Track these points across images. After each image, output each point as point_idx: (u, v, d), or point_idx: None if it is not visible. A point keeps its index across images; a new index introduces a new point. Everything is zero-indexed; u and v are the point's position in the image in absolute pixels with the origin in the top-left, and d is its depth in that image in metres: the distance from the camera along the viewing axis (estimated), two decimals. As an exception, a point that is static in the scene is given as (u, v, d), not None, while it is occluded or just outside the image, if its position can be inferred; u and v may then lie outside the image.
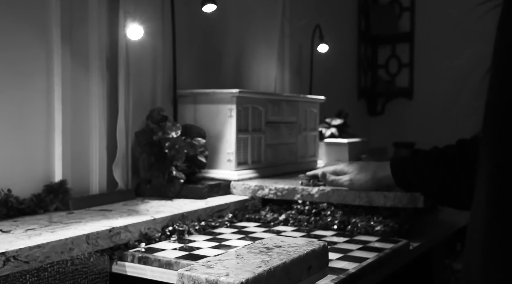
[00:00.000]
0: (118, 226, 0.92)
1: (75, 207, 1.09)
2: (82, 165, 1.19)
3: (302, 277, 0.62)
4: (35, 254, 0.77)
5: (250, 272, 0.54)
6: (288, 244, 0.67)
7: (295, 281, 0.61)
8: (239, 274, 0.54)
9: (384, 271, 0.88)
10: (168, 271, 0.84)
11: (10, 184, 1.02)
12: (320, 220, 1.13)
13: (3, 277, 0.73)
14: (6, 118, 1.04)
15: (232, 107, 1.38)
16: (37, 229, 0.89)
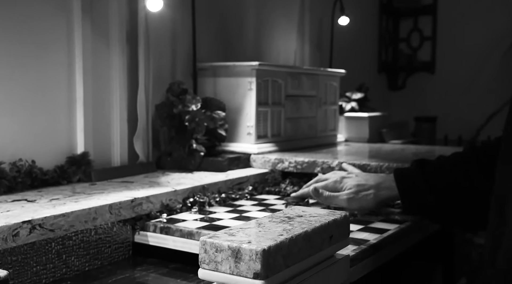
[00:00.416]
0: (140, 197, 0.93)
1: (98, 178, 1.11)
2: (104, 138, 1.20)
3: (324, 246, 0.62)
4: (59, 223, 0.78)
5: (272, 240, 0.55)
6: (310, 214, 0.66)
7: (316, 250, 0.61)
8: (261, 241, 0.54)
9: (405, 242, 0.88)
10: (190, 240, 0.85)
11: (34, 155, 1.04)
12: (340, 193, 1.12)
13: (30, 244, 0.75)
14: (29, 90, 1.05)
15: (252, 80, 1.38)
16: (61, 199, 0.90)
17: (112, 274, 0.82)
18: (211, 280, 0.55)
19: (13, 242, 0.72)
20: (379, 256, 0.79)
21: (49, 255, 0.77)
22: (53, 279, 0.78)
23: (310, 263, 0.60)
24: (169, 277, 0.81)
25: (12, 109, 1.02)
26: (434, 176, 0.88)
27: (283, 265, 0.55)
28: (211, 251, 0.55)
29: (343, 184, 0.98)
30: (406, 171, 0.93)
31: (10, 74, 1.02)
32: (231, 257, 0.54)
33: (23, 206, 0.84)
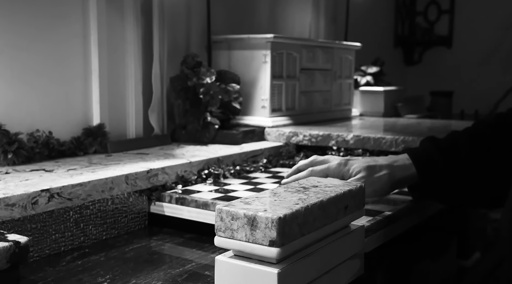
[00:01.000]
0: (155, 168, 0.94)
1: (113, 150, 1.12)
2: (119, 110, 1.21)
3: (339, 216, 0.63)
4: (77, 192, 0.80)
5: (288, 209, 0.55)
6: (325, 184, 0.67)
7: (331, 219, 0.61)
8: (277, 210, 0.54)
9: (420, 215, 0.88)
10: (205, 211, 0.86)
11: (50, 127, 1.05)
12: (355, 166, 1.12)
13: (49, 213, 0.76)
14: (45, 61, 1.06)
15: (267, 53, 1.37)
16: (78, 169, 0.91)
17: (128, 243, 0.83)
18: (227, 248, 0.56)
19: (32, 209, 0.73)
20: (394, 227, 0.79)
21: (68, 224, 0.79)
22: (71, 247, 0.79)
23: (325, 232, 0.61)
24: (185, 247, 0.82)
25: (29, 80, 1.03)
26: (451, 151, 0.81)
27: (298, 234, 0.55)
28: (227, 219, 0.55)
29: (349, 167, 0.82)
30: (420, 148, 0.84)
31: (28, 44, 1.02)
32: (247, 225, 0.54)
33: (41, 175, 0.85)
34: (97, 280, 0.67)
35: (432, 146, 0.83)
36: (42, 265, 0.72)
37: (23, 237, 0.64)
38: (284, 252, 0.53)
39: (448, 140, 0.84)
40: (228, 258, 0.56)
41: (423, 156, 0.82)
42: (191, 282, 0.67)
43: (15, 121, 0.99)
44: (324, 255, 0.60)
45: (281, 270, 0.53)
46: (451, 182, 0.80)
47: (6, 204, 0.70)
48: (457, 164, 0.81)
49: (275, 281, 0.52)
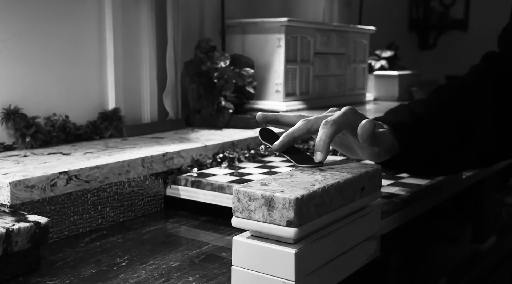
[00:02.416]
0: (171, 152, 0.94)
1: (129, 134, 1.12)
2: (134, 94, 1.22)
3: (355, 198, 0.63)
4: (94, 175, 0.80)
5: (305, 189, 0.55)
6: (341, 166, 0.66)
7: (348, 201, 0.61)
8: (294, 191, 0.54)
9: (436, 198, 0.87)
10: (220, 194, 0.87)
11: (67, 110, 1.06)
12: (369, 150, 1.12)
13: (67, 195, 0.77)
14: (61, 46, 1.06)
15: (281, 37, 1.36)
16: (94, 152, 0.92)
17: (145, 225, 0.84)
18: (244, 228, 0.56)
19: (51, 191, 0.74)
20: (410, 210, 0.79)
21: (85, 206, 0.80)
22: (89, 228, 0.80)
23: (341, 213, 0.61)
24: (201, 229, 0.83)
25: (46, 64, 1.04)
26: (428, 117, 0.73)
27: (315, 214, 0.56)
28: (244, 200, 0.56)
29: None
30: (396, 120, 0.74)
31: (44, 29, 1.03)
32: (264, 206, 0.54)
33: (59, 158, 0.86)
34: (115, 260, 0.68)
35: (408, 116, 0.74)
36: (61, 246, 0.73)
37: (43, 218, 0.65)
38: (301, 233, 0.53)
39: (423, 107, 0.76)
40: (245, 239, 0.56)
41: (402, 127, 0.72)
42: (208, 263, 0.68)
43: (32, 105, 1.00)
44: (340, 236, 0.60)
45: (298, 250, 0.53)
46: (433, 147, 0.74)
47: (26, 185, 0.71)
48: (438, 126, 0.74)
49: (292, 261, 0.53)
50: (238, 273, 0.56)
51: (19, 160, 0.84)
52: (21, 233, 0.61)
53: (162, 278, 0.62)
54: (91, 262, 0.67)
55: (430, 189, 0.85)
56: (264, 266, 0.54)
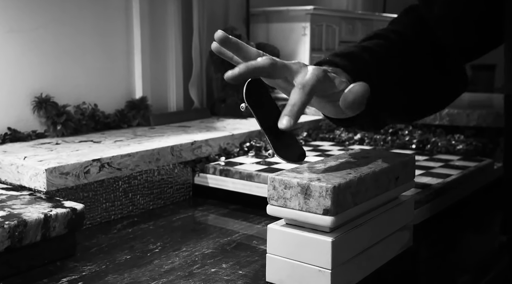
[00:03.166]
0: (199, 140, 0.95)
1: (156, 122, 1.13)
2: (160, 83, 1.22)
3: (390, 187, 0.62)
4: (126, 162, 0.81)
5: (341, 178, 0.55)
6: (375, 156, 0.66)
7: (382, 190, 0.61)
8: (330, 179, 0.54)
9: (468, 188, 0.87)
10: (249, 183, 0.87)
11: (95, 99, 1.07)
12: (397, 139, 1.11)
13: (99, 182, 0.78)
14: (89, 35, 1.07)
15: (306, 25, 1.35)
16: (124, 140, 0.93)
17: (175, 213, 0.85)
18: (280, 216, 0.56)
19: (84, 178, 0.75)
20: (441, 200, 0.79)
21: (117, 193, 0.81)
22: (121, 215, 0.81)
23: (376, 202, 0.60)
24: (230, 218, 0.83)
25: (75, 54, 1.05)
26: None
27: (351, 203, 0.55)
28: (279, 188, 0.56)
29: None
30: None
31: (73, 18, 1.04)
32: (300, 194, 0.54)
33: (90, 146, 0.87)
34: (148, 247, 0.69)
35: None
36: (94, 232, 0.74)
37: (79, 204, 0.66)
38: (338, 221, 0.53)
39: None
40: (280, 227, 0.56)
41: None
42: (240, 251, 0.68)
43: (63, 94, 1.01)
44: (375, 226, 0.60)
45: (335, 239, 0.53)
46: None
47: (61, 172, 0.72)
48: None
49: (329, 250, 0.53)
50: (273, 261, 0.56)
51: (52, 148, 0.85)
52: (58, 219, 0.62)
53: (196, 265, 0.63)
54: (124, 248, 0.68)
55: (462, 178, 0.84)
56: (300, 254, 0.55)
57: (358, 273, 0.58)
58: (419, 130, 1.12)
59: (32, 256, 0.61)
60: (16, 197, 0.69)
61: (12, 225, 0.58)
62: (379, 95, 0.63)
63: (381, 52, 0.68)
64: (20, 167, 0.74)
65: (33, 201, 0.67)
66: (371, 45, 0.68)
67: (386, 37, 0.71)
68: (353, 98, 0.54)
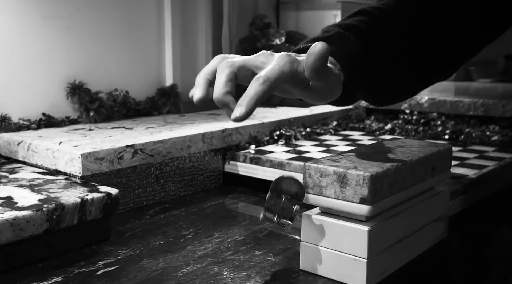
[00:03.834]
0: (230, 128, 0.95)
1: (185, 110, 1.13)
2: (190, 71, 1.22)
3: (426, 177, 0.61)
4: (158, 149, 0.82)
5: (378, 167, 0.54)
6: (411, 145, 0.65)
7: (419, 180, 0.60)
8: (367, 167, 0.54)
9: (504, 179, 0.85)
10: (280, 171, 0.86)
11: (127, 86, 1.08)
12: (429, 130, 1.09)
13: (132, 168, 0.79)
14: (121, 22, 1.08)
15: (337, 13, 1.33)
16: (156, 127, 0.93)
17: (206, 200, 0.85)
18: (315, 204, 0.56)
19: (118, 164, 0.76)
20: (477, 192, 0.77)
21: (149, 179, 0.81)
22: (152, 201, 0.82)
23: (412, 192, 0.60)
24: (260, 206, 0.83)
25: (107, 40, 1.05)
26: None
27: (388, 192, 0.55)
28: (315, 176, 0.55)
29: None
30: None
31: (105, 5, 1.04)
32: (337, 182, 0.54)
33: (122, 132, 0.88)
34: (181, 232, 0.69)
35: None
36: (128, 218, 0.75)
37: (114, 189, 0.66)
38: (375, 210, 0.53)
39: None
40: (315, 215, 0.56)
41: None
42: (272, 238, 0.68)
43: (95, 81, 1.02)
44: (411, 216, 0.59)
45: (371, 228, 0.52)
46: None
47: (96, 157, 0.73)
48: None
49: (365, 239, 0.52)
50: (307, 249, 0.56)
51: (86, 133, 0.86)
52: (94, 203, 0.63)
53: (229, 251, 0.63)
54: (158, 234, 0.69)
55: (499, 170, 0.82)
56: (335, 243, 0.54)
57: (393, 263, 0.58)
58: (452, 121, 1.10)
59: (69, 239, 0.62)
60: (52, 181, 0.70)
61: (51, 208, 0.59)
62: (361, 76, 0.60)
63: (364, 29, 0.63)
64: (56, 151, 0.75)
65: (69, 186, 0.68)
66: (353, 23, 0.63)
67: (370, 13, 0.66)
68: (313, 59, 0.48)
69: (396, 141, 0.68)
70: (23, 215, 0.56)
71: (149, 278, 0.56)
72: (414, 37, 0.66)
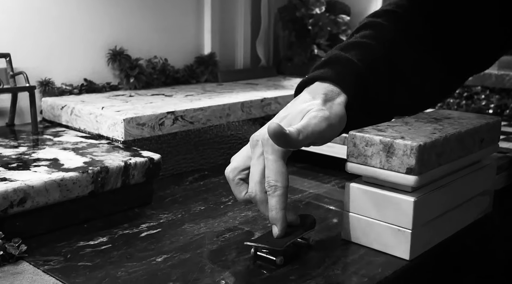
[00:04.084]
0: (269, 97, 0.94)
1: (223, 79, 1.13)
2: (229, 40, 1.21)
3: (474, 149, 0.60)
4: (198, 116, 0.82)
5: (426, 137, 0.53)
6: (458, 116, 0.63)
7: (467, 152, 0.58)
8: (415, 137, 0.52)
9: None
10: (319, 141, 0.86)
11: (166, 54, 1.08)
12: (472, 104, 1.06)
13: (173, 134, 0.79)
14: (161, -11, 1.07)
15: (379, -18, 1.29)
16: (195, 95, 0.93)
17: (243, 168, 0.85)
18: (359, 173, 0.55)
19: (159, 130, 0.76)
20: (523, 167, 0.75)
21: (188, 146, 0.82)
22: (192, 168, 0.83)
23: (459, 164, 0.58)
24: (298, 176, 0.83)
25: (148, 7, 1.05)
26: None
27: (436, 163, 0.53)
28: (360, 145, 0.54)
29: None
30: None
31: (144, -28, 1.04)
32: (383, 152, 0.53)
33: (162, 99, 0.88)
34: (221, 199, 0.70)
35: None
36: (168, 183, 0.76)
37: (156, 154, 0.67)
38: (421, 181, 0.52)
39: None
40: (360, 185, 0.55)
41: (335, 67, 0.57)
42: (312, 208, 0.68)
43: (135, 48, 1.02)
44: (457, 188, 0.58)
45: (417, 199, 0.51)
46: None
47: (138, 123, 0.74)
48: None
49: (411, 210, 0.51)
50: (350, 219, 0.56)
51: (127, 100, 0.87)
52: (137, 167, 0.64)
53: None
54: (198, 200, 0.69)
55: (545, 146, 0.79)
56: (378, 213, 0.54)
57: (437, 235, 0.57)
58: (496, 95, 1.06)
59: (113, 201, 0.63)
60: (95, 145, 0.71)
61: (96, 170, 0.60)
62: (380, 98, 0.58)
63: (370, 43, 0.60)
64: (98, 116, 0.76)
65: (112, 150, 0.69)
66: (356, 40, 0.61)
67: (375, 25, 0.62)
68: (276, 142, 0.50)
69: (443, 112, 0.66)
70: (70, 176, 0.57)
71: (191, 241, 0.56)
72: (436, 31, 0.63)
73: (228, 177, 0.55)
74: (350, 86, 0.56)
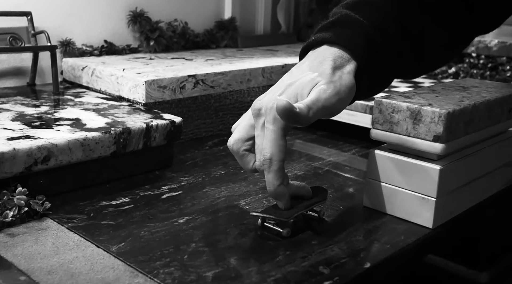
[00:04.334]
0: (289, 64, 0.93)
1: (243, 45, 1.12)
2: (249, 5, 1.19)
3: (502, 119, 0.58)
4: (219, 81, 0.81)
5: (455, 104, 0.52)
6: (486, 85, 0.62)
7: (494, 121, 0.57)
8: (443, 105, 0.51)
9: None
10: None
11: (186, 17, 1.06)
12: (497, 75, 1.04)
13: (193, 98, 0.78)
14: (182, -50, 1.05)
15: None
16: (215, 60, 0.92)
17: (263, 134, 0.84)
18: (384, 141, 0.54)
19: (180, 94, 0.76)
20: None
21: (208, 111, 0.81)
22: (211, 133, 0.82)
23: (487, 134, 0.57)
24: (317, 144, 0.82)
25: (167, -31, 1.03)
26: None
27: (463, 132, 0.52)
28: (386, 112, 0.53)
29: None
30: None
31: None
32: (409, 118, 0.52)
33: (183, 63, 0.87)
34: (241, 164, 0.69)
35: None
36: (188, 147, 0.76)
37: (177, 117, 0.67)
38: (448, 149, 0.51)
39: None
40: (384, 152, 0.54)
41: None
42: (332, 175, 0.68)
43: (155, 10, 1.00)
44: (482, 158, 0.57)
45: (443, 167, 0.51)
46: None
47: (159, 85, 0.73)
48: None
49: (436, 178, 0.51)
50: (373, 186, 0.55)
51: (147, 62, 0.86)
52: (159, 129, 0.64)
53: (290, 184, 0.63)
54: (218, 164, 0.69)
55: None
56: (402, 181, 0.53)
57: (461, 204, 0.56)
58: (523, 66, 1.04)
59: (134, 163, 0.63)
60: (116, 106, 0.71)
61: (118, 131, 0.60)
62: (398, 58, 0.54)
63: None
64: (120, 78, 0.76)
65: (133, 112, 0.69)
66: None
67: None
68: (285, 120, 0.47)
69: (471, 80, 0.65)
70: (93, 136, 0.57)
71: (213, 204, 0.56)
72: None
73: (232, 149, 0.53)
74: (360, 52, 0.51)
